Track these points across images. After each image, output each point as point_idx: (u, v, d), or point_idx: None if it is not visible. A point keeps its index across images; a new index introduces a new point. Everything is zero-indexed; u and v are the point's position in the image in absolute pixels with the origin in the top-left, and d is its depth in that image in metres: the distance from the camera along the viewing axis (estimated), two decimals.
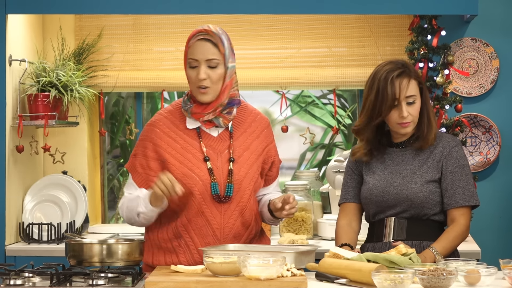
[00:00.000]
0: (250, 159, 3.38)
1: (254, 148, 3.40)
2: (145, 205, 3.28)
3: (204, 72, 3.28)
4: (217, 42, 3.30)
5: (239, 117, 3.43)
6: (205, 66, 3.29)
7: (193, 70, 3.31)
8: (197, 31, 3.33)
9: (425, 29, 4.75)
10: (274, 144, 3.51)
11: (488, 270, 2.96)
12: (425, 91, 3.47)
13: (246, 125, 3.43)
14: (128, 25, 5.21)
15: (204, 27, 3.33)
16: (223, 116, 3.34)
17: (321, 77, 5.11)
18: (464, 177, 3.47)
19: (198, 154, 3.34)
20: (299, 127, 5.90)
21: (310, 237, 4.83)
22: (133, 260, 3.13)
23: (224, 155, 3.35)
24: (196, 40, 3.31)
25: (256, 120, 3.46)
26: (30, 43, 4.94)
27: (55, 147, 5.09)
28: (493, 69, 4.99)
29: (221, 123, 3.34)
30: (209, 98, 3.31)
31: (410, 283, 2.76)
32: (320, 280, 3.07)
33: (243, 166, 3.36)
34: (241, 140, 3.39)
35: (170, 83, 5.14)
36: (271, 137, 3.49)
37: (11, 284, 2.97)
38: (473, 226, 4.78)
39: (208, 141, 3.36)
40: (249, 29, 5.18)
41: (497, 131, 4.95)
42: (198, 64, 3.30)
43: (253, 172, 3.38)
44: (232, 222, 3.34)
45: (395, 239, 3.48)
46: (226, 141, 3.38)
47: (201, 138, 3.36)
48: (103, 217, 5.49)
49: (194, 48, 3.31)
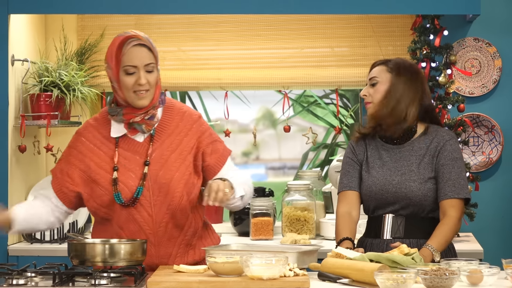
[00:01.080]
0: (177, 160, 3.34)
1: (182, 148, 3.36)
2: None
3: (144, 77, 3.27)
4: (150, 46, 3.31)
5: (165, 119, 3.39)
6: (143, 71, 3.28)
7: (130, 76, 3.27)
8: (126, 37, 3.29)
9: (427, 28, 4.75)
10: (207, 134, 3.42)
11: (491, 270, 2.96)
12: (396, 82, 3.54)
13: (173, 126, 3.39)
14: (130, 25, 5.21)
15: (129, 33, 3.31)
16: (145, 122, 3.32)
17: (323, 77, 5.11)
18: (455, 170, 3.49)
19: (110, 163, 3.33)
20: (302, 127, 5.91)
21: (313, 237, 4.83)
22: (136, 260, 3.13)
23: (144, 159, 3.34)
24: (131, 46, 3.28)
25: (183, 118, 3.41)
26: (33, 43, 4.94)
27: (58, 147, 5.09)
28: (496, 69, 4.99)
29: (144, 129, 3.32)
30: (146, 102, 3.30)
31: (412, 283, 2.76)
32: (322, 280, 3.07)
33: (170, 169, 3.32)
34: (168, 142, 3.36)
35: (171, 83, 5.14)
36: (202, 128, 3.42)
37: (13, 284, 2.97)
38: (476, 226, 4.80)
39: (134, 147, 3.34)
40: (251, 29, 5.18)
41: (500, 131, 4.95)
42: (136, 70, 3.27)
43: (181, 173, 3.33)
44: (164, 226, 3.32)
45: (392, 237, 3.50)
46: (148, 144, 3.36)
47: (118, 147, 3.35)
48: None
49: (130, 54, 3.27)
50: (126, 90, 3.29)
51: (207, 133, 3.42)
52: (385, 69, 3.59)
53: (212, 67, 5.14)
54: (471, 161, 4.96)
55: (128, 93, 3.30)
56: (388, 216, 3.53)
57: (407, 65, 3.61)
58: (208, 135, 3.42)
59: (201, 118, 3.45)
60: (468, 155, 4.98)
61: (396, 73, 3.56)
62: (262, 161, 6.05)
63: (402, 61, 3.64)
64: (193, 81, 5.14)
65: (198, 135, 3.40)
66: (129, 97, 3.30)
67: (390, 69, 3.57)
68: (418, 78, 3.59)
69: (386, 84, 3.56)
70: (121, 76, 3.29)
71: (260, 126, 5.96)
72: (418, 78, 3.59)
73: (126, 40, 3.29)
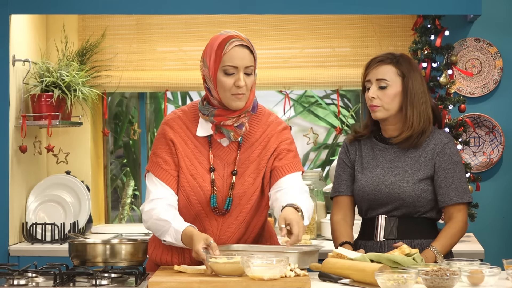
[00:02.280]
0: (254, 173, 3.29)
1: (260, 160, 3.30)
2: (175, 238, 3.19)
3: (243, 79, 3.18)
4: (252, 48, 3.22)
5: (252, 127, 3.33)
6: (243, 73, 3.19)
7: (230, 77, 3.18)
8: (229, 36, 3.19)
9: (428, 29, 4.75)
10: (286, 143, 3.33)
11: (492, 270, 2.96)
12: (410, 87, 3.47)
13: (257, 134, 3.32)
14: (132, 25, 5.22)
15: (232, 33, 3.21)
16: (235, 130, 3.24)
17: (324, 77, 5.11)
18: (457, 174, 3.48)
19: (205, 163, 3.28)
20: (303, 127, 5.91)
21: (314, 237, 4.83)
22: (137, 260, 3.13)
23: (229, 167, 3.29)
24: (234, 46, 3.18)
25: (268, 128, 3.35)
26: (34, 43, 4.94)
27: (59, 147, 5.09)
28: (497, 69, 4.98)
29: (232, 137, 3.25)
30: (242, 105, 3.21)
31: (413, 283, 2.76)
32: (323, 280, 3.07)
33: (245, 182, 3.29)
34: (249, 152, 3.31)
35: (173, 83, 5.14)
36: (282, 137, 3.34)
37: (14, 284, 2.97)
38: (476, 226, 4.80)
39: (217, 151, 3.29)
40: (252, 29, 5.18)
41: (501, 131, 4.95)
42: (236, 71, 3.18)
43: (254, 188, 3.30)
44: (228, 235, 3.30)
45: (386, 238, 3.49)
46: (234, 152, 3.30)
47: (211, 147, 3.29)
48: (106, 217, 5.49)
49: (232, 54, 3.17)
50: (222, 90, 3.20)
51: (286, 142, 3.35)
52: (395, 71, 3.48)
53: None
54: (472, 162, 4.95)
55: (224, 94, 3.21)
56: (381, 218, 3.51)
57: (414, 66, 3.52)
58: (286, 144, 3.34)
59: (285, 130, 3.38)
60: (469, 156, 4.98)
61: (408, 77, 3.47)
62: None
63: (408, 60, 3.53)
64: (194, 82, 5.13)
65: (277, 144, 3.33)
66: (224, 98, 3.21)
67: (401, 73, 3.48)
68: (423, 77, 3.54)
69: (397, 88, 3.47)
70: (219, 76, 3.20)
71: None
72: (422, 76, 3.55)
73: (228, 40, 3.18)
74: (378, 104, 3.46)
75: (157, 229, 3.24)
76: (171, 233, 3.19)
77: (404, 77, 3.47)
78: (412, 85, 3.47)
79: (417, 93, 3.47)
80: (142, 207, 3.30)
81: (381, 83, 3.47)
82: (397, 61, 3.49)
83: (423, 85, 3.51)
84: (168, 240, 3.21)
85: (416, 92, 3.47)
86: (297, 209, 3.11)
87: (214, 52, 3.20)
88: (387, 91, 3.46)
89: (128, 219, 5.74)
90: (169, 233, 3.20)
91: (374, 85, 3.48)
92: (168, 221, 3.19)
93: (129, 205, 5.77)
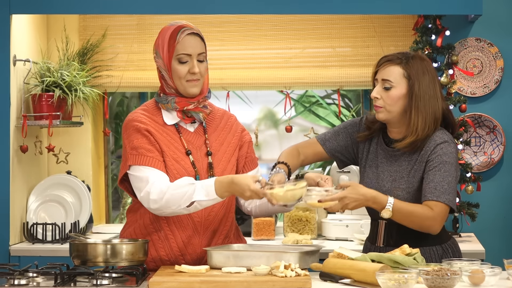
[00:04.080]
0: (227, 152, 3.42)
1: (228, 142, 3.44)
2: (206, 194, 3.17)
3: (197, 66, 3.31)
4: (202, 36, 3.36)
5: (211, 112, 3.47)
6: (196, 60, 3.32)
7: (184, 65, 3.31)
8: (179, 26, 3.32)
9: (429, 29, 4.75)
10: (246, 133, 3.52)
11: (493, 270, 2.96)
12: (415, 90, 3.34)
13: (217, 121, 3.46)
14: (132, 25, 5.22)
15: (181, 23, 3.34)
16: (203, 111, 3.36)
17: (325, 77, 5.11)
18: (441, 173, 3.29)
19: (180, 147, 3.35)
20: (303, 127, 5.90)
21: (314, 237, 4.83)
22: (137, 260, 3.13)
23: (202, 149, 3.37)
24: (186, 35, 3.31)
25: (224, 116, 3.50)
26: (35, 43, 4.94)
27: (59, 147, 5.10)
28: (498, 69, 4.98)
29: (201, 117, 3.37)
30: (197, 91, 3.34)
31: (414, 283, 2.76)
32: (324, 280, 3.07)
33: (221, 160, 3.39)
34: (215, 135, 3.42)
35: None
36: (241, 128, 3.51)
37: (15, 284, 2.97)
38: (477, 226, 4.80)
39: (187, 136, 3.38)
40: (253, 29, 5.18)
41: (502, 131, 4.95)
42: (189, 59, 3.31)
43: (231, 165, 3.41)
44: (213, 215, 3.34)
45: (384, 245, 3.42)
46: (202, 136, 3.40)
47: (181, 134, 3.37)
48: (107, 217, 5.49)
49: (185, 43, 3.31)
50: (178, 78, 3.33)
51: (245, 132, 3.52)
52: (402, 73, 3.36)
53: (214, 67, 5.14)
54: (473, 162, 4.95)
55: (179, 81, 3.33)
56: (382, 223, 3.44)
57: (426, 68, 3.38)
58: (246, 134, 3.52)
59: (237, 119, 3.55)
60: (469, 156, 4.98)
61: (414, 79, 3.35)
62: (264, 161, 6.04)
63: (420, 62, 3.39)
64: None
65: (239, 132, 3.48)
66: (180, 85, 3.34)
67: (408, 75, 3.35)
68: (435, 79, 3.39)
69: (401, 90, 3.35)
70: (174, 65, 3.33)
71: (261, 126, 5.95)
72: (436, 79, 3.40)
73: (179, 29, 3.32)
74: (381, 105, 3.37)
75: (179, 197, 3.19)
76: (200, 190, 3.18)
77: (410, 79, 3.35)
78: (419, 88, 3.34)
79: (424, 97, 3.34)
80: (144, 192, 3.23)
81: (385, 84, 3.36)
82: (406, 62, 3.36)
83: (434, 89, 3.36)
84: (197, 199, 3.18)
85: (422, 96, 3.34)
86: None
87: (167, 42, 3.32)
88: (391, 92, 3.35)
89: None
90: (197, 191, 3.18)
91: (379, 85, 3.39)
92: (192, 183, 3.21)
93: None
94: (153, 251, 3.35)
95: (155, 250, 3.35)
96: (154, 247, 3.35)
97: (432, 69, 3.40)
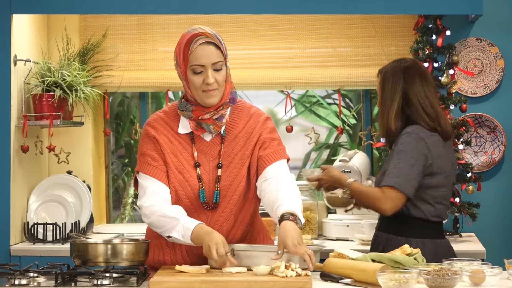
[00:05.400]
0: (238, 164, 3.32)
1: (244, 151, 3.33)
2: (183, 236, 3.18)
3: (212, 76, 3.21)
4: (218, 44, 3.24)
5: (233, 119, 3.36)
6: (211, 70, 3.22)
7: (199, 75, 3.22)
8: (194, 35, 3.22)
9: (430, 29, 4.75)
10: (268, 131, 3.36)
11: (493, 270, 2.96)
12: (384, 88, 3.72)
13: (240, 127, 3.36)
14: (133, 25, 5.22)
15: (198, 30, 3.23)
16: (214, 123, 3.27)
17: (325, 77, 5.11)
18: (394, 160, 3.58)
19: (189, 159, 3.30)
20: (304, 127, 5.90)
21: (315, 237, 4.83)
22: (138, 260, 3.13)
23: (214, 161, 3.31)
24: (198, 45, 3.21)
25: (250, 119, 3.38)
26: (35, 43, 4.95)
27: (60, 147, 5.10)
28: (498, 69, 4.98)
29: (212, 130, 3.28)
30: (216, 101, 3.25)
31: (415, 283, 2.76)
32: (325, 280, 3.07)
33: (231, 172, 3.31)
34: (233, 145, 3.33)
35: (174, 83, 5.14)
36: (265, 127, 3.37)
37: (16, 284, 2.98)
38: (478, 226, 4.80)
39: (201, 146, 3.32)
40: (254, 29, 5.18)
41: (502, 131, 4.95)
42: (204, 69, 3.21)
43: (239, 178, 3.32)
44: (217, 228, 3.27)
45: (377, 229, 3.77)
46: (217, 146, 3.33)
47: (194, 143, 3.32)
48: (108, 217, 5.49)
49: (197, 53, 3.21)
50: (194, 89, 3.25)
51: (268, 130, 3.37)
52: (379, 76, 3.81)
53: None
54: (474, 161, 4.95)
55: (196, 92, 3.25)
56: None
57: (388, 67, 3.77)
58: (268, 132, 3.37)
59: (268, 120, 3.41)
60: (470, 155, 4.98)
61: (383, 79, 3.76)
62: None
63: (385, 73, 3.76)
64: None
65: (260, 132, 3.35)
66: (197, 95, 3.25)
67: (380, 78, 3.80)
68: (393, 78, 3.72)
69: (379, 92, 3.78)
70: (189, 75, 3.24)
71: None
72: (394, 78, 3.72)
73: (193, 38, 3.21)
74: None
75: (162, 225, 3.22)
76: (179, 229, 3.18)
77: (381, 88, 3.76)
78: (381, 95, 3.75)
79: (382, 104, 3.73)
80: (140, 203, 3.29)
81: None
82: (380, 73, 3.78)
83: (390, 94, 3.70)
84: (174, 236, 3.20)
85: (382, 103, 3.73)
86: (295, 220, 3.11)
87: (182, 51, 3.25)
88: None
89: (129, 219, 5.74)
90: (176, 229, 3.18)
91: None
92: (177, 218, 3.19)
93: (131, 205, 5.77)
94: (161, 254, 3.37)
95: (162, 254, 3.37)
96: (162, 249, 3.37)
97: (396, 77, 3.72)
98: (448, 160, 3.66)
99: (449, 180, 3.68)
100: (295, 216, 3.12)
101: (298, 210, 3.18)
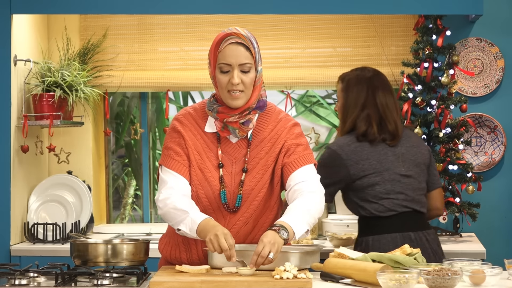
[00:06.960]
0: (262, 169, 3.29)
1: (268, 157, 3.29)
2: (190, 229, 3.15)
3: (238, 77, 3.18)
4: (249, 45, 3.22)
5: (260, 124, 3.33)
6: (238, 71, 3.19)
7: (225, 74, 3.20)
8: (226, 34, 3.21)
9: (430, 29, 4.75)
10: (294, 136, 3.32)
11: (493, 270, 2.96)
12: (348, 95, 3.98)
13: (267, 132, 3.32)
14: (133, 25, 5.22)
15: (233, 30, 3.22)
16: (240, 127, 3.24)
17: (326, 77, 5.11)
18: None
19: (213, 159, 3.28)
20: (304, 127, 5.88)
21: (315, 237, 4.83)
22: (138, 260, 3.13)
23: (239, 164, 3.28)
24: (228, 44, 3.20)
25: (278, 125, 3.34)
26: (35, 43, 4.95)
27: (60, 147, 5.10)
28: (498, 69, 4.98)
29: (238, 134, 3.26)
30: (241, 103, 3.22)
31: (415, 283, 2.76)
32: (325, 280, 3.07)
33: (254, 177, 3.28)
34: (258, 149, 3.30)
35: (175, 83, 5.15)
36: (291, 133, 3.33)
37: (16, 284, 2.98)
38: (478, 226, 4.80)
39: (226, 147, 3.29)
40: (254, 29, 5.16)
41: (502, 131, 4.95)
42: (230, 69, 3.19)
43: (261, 184, 3.28)
44: (235, 232, 3.26)
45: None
46: (243, 149, 3.30)
47: (220, 143, 3.30)
48: (108, 217, 5.49)
49: (226, 52, 3.19)
50: (220, 88, 3.23)
51: (293, 136, 3.33)
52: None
53: None
54: (474, 162, 4.95)
55: (222, 92, 3.23)
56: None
57: (351, 75, 4.03)
58: (294, 138, 3.33)
59: (295, 126, 3.37)
60: (470, 155, 4.98)
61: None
62: None
63: (352, 72, 4.04)
64: (195, 81, 5.14)
65: (285, 139, 3.31)
66: (223, 95, 3.23)
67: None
68: (357, 87, 3.94)
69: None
70: (217, 74, 3.23)
71: None
72: (358, 86, 3.95)
73: (224, 37, 3.20)
74: None
75: (172, 217, 3.20)
76: (187, 223, 3.16)
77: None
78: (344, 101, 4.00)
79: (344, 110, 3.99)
80: (156, 197, 3.28)
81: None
82: (342, 80, 4.02)
83: (354, 101, 3.94)
84: (182, 229, 3.18)
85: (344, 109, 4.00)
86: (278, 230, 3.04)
87: (213, 50, 3.23)
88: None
89: (129, 219, 5.74)
90: (185, 222, 3.17)
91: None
92: (186, 211, 3.17)
93: (131, 205, 5.77)
94: (177, 252, 3.35)
95: (179, 252, 3.35)
96: (178, 248, 3.35)
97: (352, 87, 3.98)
98: (375, 160, 3.84)
99: (384, 177, 3.83)
100: (279, 227, 3.05)
101: (295, 222, 3.11)
